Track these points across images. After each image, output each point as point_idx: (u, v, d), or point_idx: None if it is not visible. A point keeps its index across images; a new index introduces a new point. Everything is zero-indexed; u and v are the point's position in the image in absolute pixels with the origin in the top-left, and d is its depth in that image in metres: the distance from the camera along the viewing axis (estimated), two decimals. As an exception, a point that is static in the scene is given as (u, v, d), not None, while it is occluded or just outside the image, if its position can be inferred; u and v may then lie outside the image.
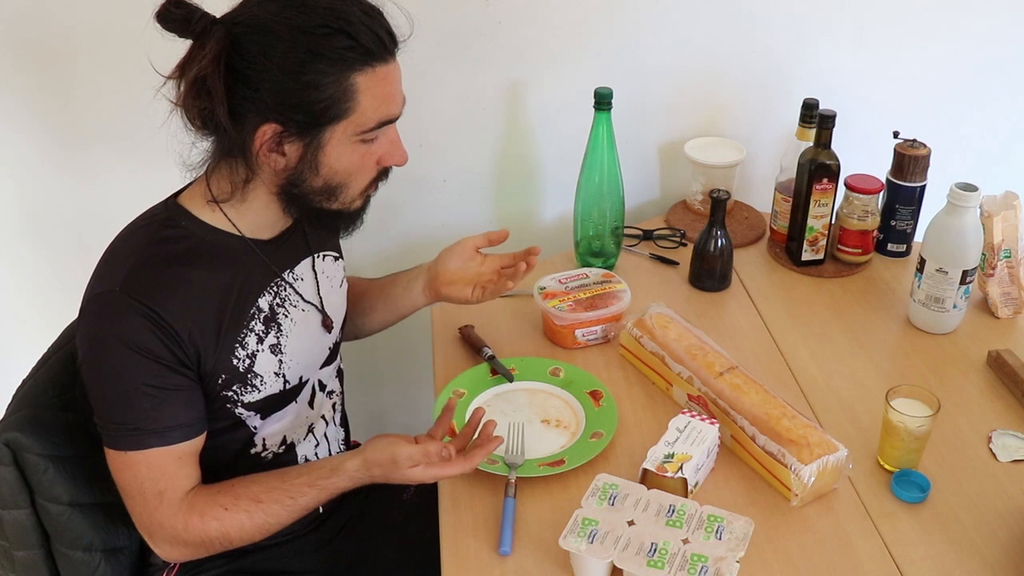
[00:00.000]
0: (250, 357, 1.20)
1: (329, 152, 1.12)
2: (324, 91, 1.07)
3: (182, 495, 1.15)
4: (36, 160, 1.75)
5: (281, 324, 1.24)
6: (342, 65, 1.07)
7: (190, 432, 1.15)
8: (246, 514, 1.15)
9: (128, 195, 1.39)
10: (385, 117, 1.13)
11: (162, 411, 1.12)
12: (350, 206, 1.19)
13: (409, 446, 1.15)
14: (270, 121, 1.08)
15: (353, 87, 1.08)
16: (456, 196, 1.91)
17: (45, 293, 1.87)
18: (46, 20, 1.63)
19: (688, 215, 1.89)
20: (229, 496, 1.16)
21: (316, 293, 1.30)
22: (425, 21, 1.70)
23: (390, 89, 1.13)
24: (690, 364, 1.35)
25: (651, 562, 1.07)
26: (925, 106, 1.91)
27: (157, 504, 1.14)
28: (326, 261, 1.33)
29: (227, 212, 1.18)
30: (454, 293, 1.41)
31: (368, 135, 1.13)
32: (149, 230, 1.17)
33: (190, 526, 1.14)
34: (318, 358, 1.32)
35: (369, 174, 1.18)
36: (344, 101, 1.08)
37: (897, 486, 1.23)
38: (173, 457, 1.14)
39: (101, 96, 1.71)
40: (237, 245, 1.19)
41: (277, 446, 1.29)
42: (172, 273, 1.13)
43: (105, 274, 1.14)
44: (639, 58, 1.82)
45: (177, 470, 1.15)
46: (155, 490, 1.13)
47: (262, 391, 1.23)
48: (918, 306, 1.53)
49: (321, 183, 1.14)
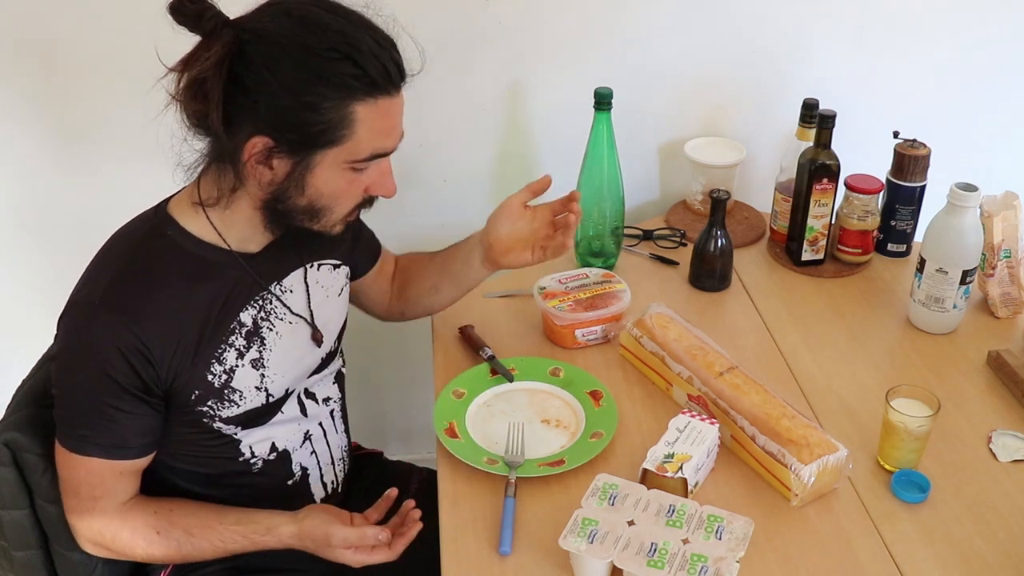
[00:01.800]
0: (227, 372, 1.19)
1: (318, 175, 1.10)
2: (322, 115, 1.05)
3: (117, 505, 1.17)
4: (36, 160, 1.75)
5: (265, 338, 1.23)
6: (344, 92, 1.06)
7: (134, 454, 1.16)
8: (175, 543, 1.18)
9: (129, 195, 1.39)
10: (380, 150, 1.12)
11: (112, 429, 1.13)
12: (331, 230, 1.17)
13: (345, 528, 1.18)
14: (263, 134, 1.06)
15: (352, 116, 1.07)
16: (456, 196, 1.91)
17: (45, 293, 1.86)
18: (47, 18, 1.63)
19: (688, 215, 1.89)
20: (164, 521, 1.18)
21: (306, 306, 1.28)
22: (426, 21, 1.72)
23: (390, 123, 1.12)
24: (690, 364, 1.35)
25: (651, 562, 1.07)
26: (925, 106, 1.91)
27: (90, 508, 1.16)
28: (322, 271, 1.32)
29: (213, 220, 1.17)
30: (513, 260, 1.38)
31: (359, 164, 1.11)
32: (135, 238, 1.17)
33: (118, 537, 1.17)
34: (306, 369, 1.31)
35: (354, 200, 1.16)
36: (340, 128, 1.07)
37: (897, 486, 1.23)
38: (114, 472, 1.16)
39: (103, 95, 1.71)
40: (222, 258, 1.18)
41: (267, 453, 1.28)
42: (152, 288, 1.13)
43: (87, 283, 1.15)
44: (639, 58, 1.82)
45: (115, 484, 1.17)
46: (90, 495, 1.16)
47: (241, 405, 1.22)
48: (918, 306, 1.53)
49: (305, 203, 1.13)
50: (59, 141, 1.74)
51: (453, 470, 1.27)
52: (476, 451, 1.28)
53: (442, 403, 1.36)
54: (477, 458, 1.26)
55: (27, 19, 1.62)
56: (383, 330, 1.97)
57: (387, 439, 2.21)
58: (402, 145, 1.36)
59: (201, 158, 1.14)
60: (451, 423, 1.33)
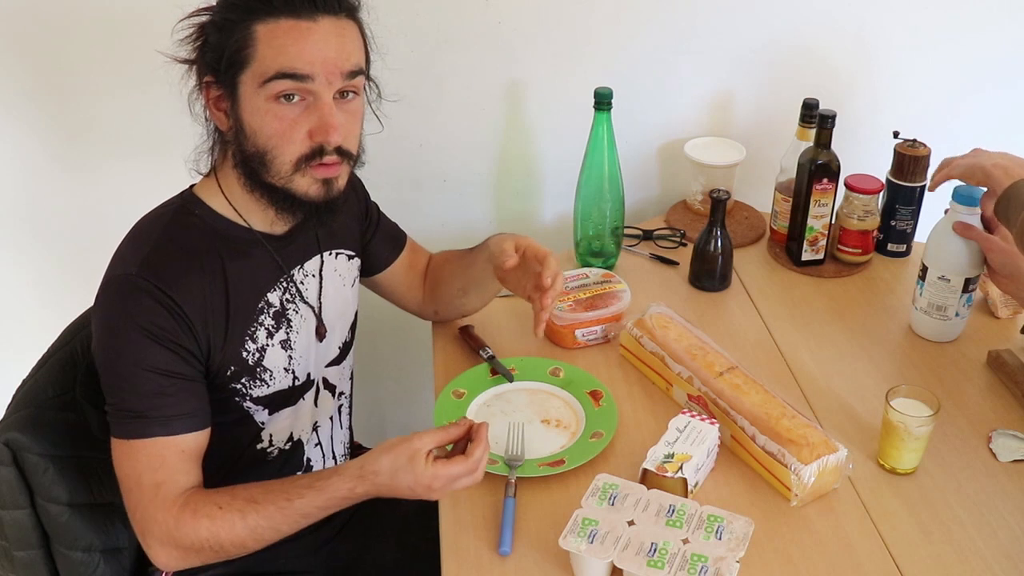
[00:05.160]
0: (260, 351, 1.21)
1: (245, 107, 1.12)
2: (230, 36, 1.09)
3: (179, 491, 1.13)
4: (37, 159, 1.75)
5: (291, 320, 1.25)
6: (244, 12, 1.09)
7: (194, 423, 1.14)
8: (239, 514, 1.11)
9: (130, 196, 1.39)
10: (286, 69, 1.09)
11: (167, 399, 1.12)
12: (289, 183, 1.14)
13: (426, 431, 1.11)
14: (207, 73, 1.13)
15: (253, 34, 1.09)
16: (456, 196, 1.91)
17: (45, 293, 1.87)
18: (47, 16, 1.63)
19: (688, 215, 1.89)
20: (226, 495, 1.13)
21: (317, 297, 1.29)
22: (425, 21, 1.72)
23: (297, 45, 1.09)
24: (690, 364, 1.35)
25: (651, 562, 1.07)
26: (925, 106, 1.91)
27: (152, 496, 1.11)
28: (339, 259, 1.33)
29: (235, 206, 1.19)
30: (513, 290, 1.39)
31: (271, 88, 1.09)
32: (165, 218, 1.19)
33: (181, 523, 1.11)
34: (323, 356, 1.32)
35: (297, 145, 1.12)
36: (245, 48, 1.09)
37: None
38: (176, 449, 1.13)
39: (105, 94, 1.71)
40: (248, 237, 1.20)
41: (284, 443, 1.29)
42: (187, 260, 1.15)
43: (121, 259, 1.16)
44: (639, 58, 1.82)
45: (178, 463, 1.13)
46: (152, 481, 1.12)
47: (271, 386, 1.23)
48: (920, 314, 1.51)
49: (252, 148, 1.13)
50: (59, 140, 1.74)
51: (453, 470, 1.27)
52: (476, 451, 1.28)
53: (442, 403, 1.36)
54: (477, 458, 1.26)
55: (29, 15, 1.62)
56: (384, 330, 1.98)
57: (387, 438, 2.21)
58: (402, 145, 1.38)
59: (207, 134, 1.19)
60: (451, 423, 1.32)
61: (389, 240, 1.46)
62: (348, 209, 1.32)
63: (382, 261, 1.45)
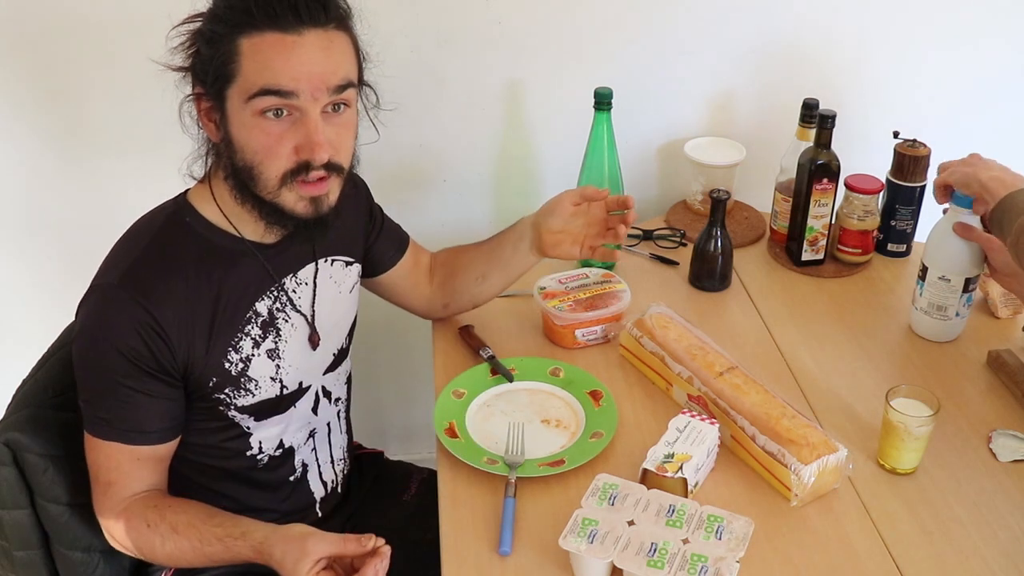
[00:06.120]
0: (244, 361, 1.20)
1: (233, 121, 1.11)
2: (217, 48, 1.08)
3: (128, 494, 1.17)
4: (38, 160, 1.75)
5: (280, 329, 1.24)
6: (230, 26, 1.08)
7: (152, 439, 1.16)
8: (160, 538, 1.15)
9: (130, 196, 1.39)
10: (271, 85, 1.07)
11: (130, 412, 1.14)
12: (276, 197, 1.13)
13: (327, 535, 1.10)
14: (197, 85, 1.12)
15: (238, 48, 1.08)
16: (456, 196, 1.91)
17: (45, 293, 1.87)
18: (48, 18, 1.63)
19: (688, 215, 1.89)
20: (156, 515, 1.16)
21: (311, 305, 1.28)
22: (425, 21, 1.72)
23: (281, 60, 1.07)
24: (690, 364, 1.35)
25: (651, 562, 1.07)
26: (925, 106, 1.91)
27: (103, 492, 1.17)
28: (334, 266, 1.32)
29: (227, 214, 1.19)
30: (561, 253, 1.41)
31: (256, 104, 1.08)
32: (155, 225, 1.18)
33: (119, 525, 1.17)
34: (319, 364, 1.32)
35: (282, 160, 1.11)
36: (230, 62, 1.08)
37: None
38: (131, 457, 1.16)
39: (106, 95, 1.71)
40: (238, 247, 1.20)
41: (274, 449, 1.29)
42: (169, 273, 1.14)
43: (108, 266, 1.16)
44: (639, 58, 1.82)
45: (132, 470, 1.16)
46: (106, 479, 1.16)
47: (256, 395, 1.23)
48: (920, 314, 1.51)
49: (240, 162, 1.12)
50: (60, 140, 1.74)
51: (453, 470, 1.27)
52: (476, 451, 1.28)
53: (442, 403, 1.36)
54: (477, 458, 1.26)
55: (29, 15, 1.62)
56: (384, 330, 1.98)
57: (387, 439, 2.21)
58: (402, 145, 1.38)
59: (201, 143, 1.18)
60: (451, 423, 1.33)
61: (393, 240, 1.45)
62: (349, 212, 1.31)
63: (387, 261, 1.44)
